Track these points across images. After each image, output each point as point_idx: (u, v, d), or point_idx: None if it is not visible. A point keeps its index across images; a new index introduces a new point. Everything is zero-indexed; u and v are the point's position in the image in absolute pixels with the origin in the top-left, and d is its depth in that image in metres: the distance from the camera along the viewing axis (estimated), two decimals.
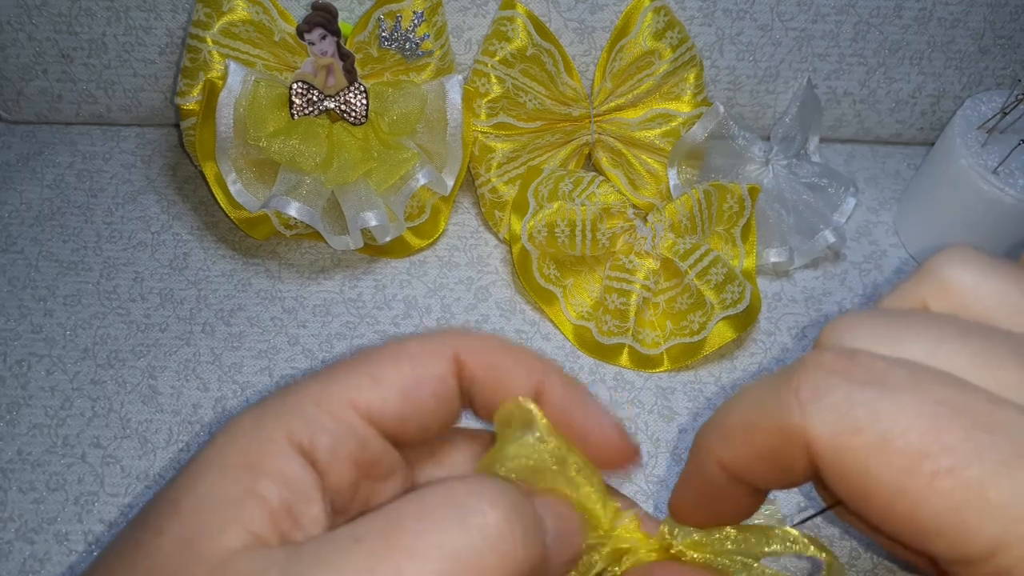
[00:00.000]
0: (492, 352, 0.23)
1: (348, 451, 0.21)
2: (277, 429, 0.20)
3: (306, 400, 0.21)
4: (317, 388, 0.22)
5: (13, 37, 0.59)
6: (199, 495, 0.19)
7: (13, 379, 0.51)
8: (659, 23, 0.57)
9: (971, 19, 0.59)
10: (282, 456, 0.20)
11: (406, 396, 0.22)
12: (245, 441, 0.20)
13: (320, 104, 0.54)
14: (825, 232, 0.57)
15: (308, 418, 0.21)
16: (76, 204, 0.59)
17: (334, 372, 0.22)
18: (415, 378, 0.22)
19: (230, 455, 0.20)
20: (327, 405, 0.21)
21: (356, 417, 0.21)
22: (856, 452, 0.17)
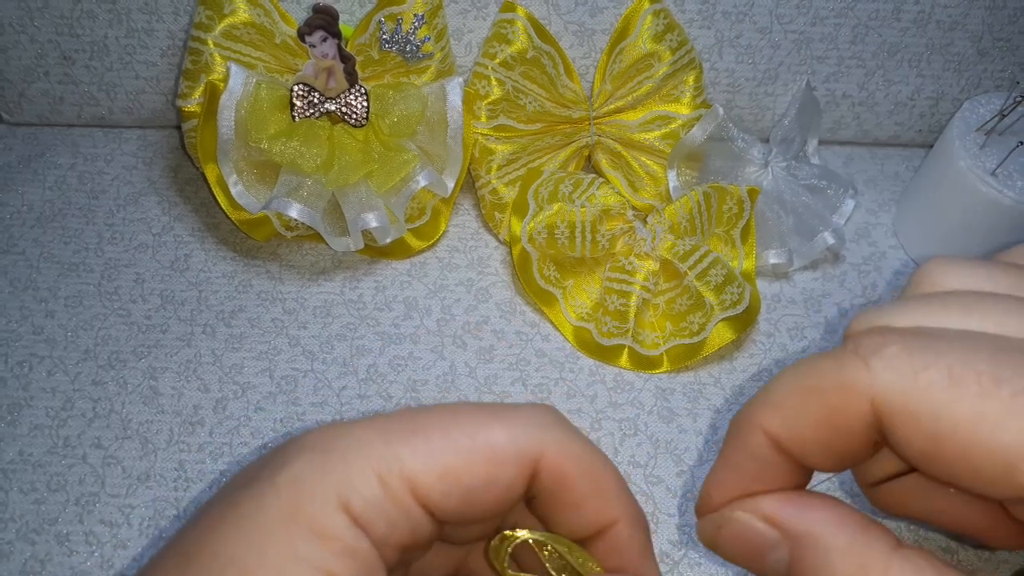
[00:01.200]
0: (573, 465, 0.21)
1: (399, 537, 0.20)
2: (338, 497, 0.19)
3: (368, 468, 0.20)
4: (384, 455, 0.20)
5: (15, 39, 0.59)
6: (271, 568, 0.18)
7: (14, 380, 0.51)
8: (659, 26, 0.57)
9: (969, 22, 0.60)
10: (347, 530, 0.19)
11: (469, 495, 0.20)
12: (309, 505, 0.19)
13: (321, 106, 0.54)
14: (824, 234, 0.57)
15: (370, 496, 0.19)
16: (77, 206, 0.59)
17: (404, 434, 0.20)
18: (485, 481, 0.20)
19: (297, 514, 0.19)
20: (389, 483, 0.20)
21: (414, 505, 0.20)
22: (928, 391, 0.17)
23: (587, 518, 0.21)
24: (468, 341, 0.54)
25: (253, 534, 0.19)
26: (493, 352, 0.54)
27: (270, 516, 0.19)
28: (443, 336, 0.54)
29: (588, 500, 0.21)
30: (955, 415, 0.17)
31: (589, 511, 0.21)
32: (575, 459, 0.21)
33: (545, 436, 0.21)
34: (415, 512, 0.20)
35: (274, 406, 0.51)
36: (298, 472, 0.19)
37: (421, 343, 0.54)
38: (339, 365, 0.53)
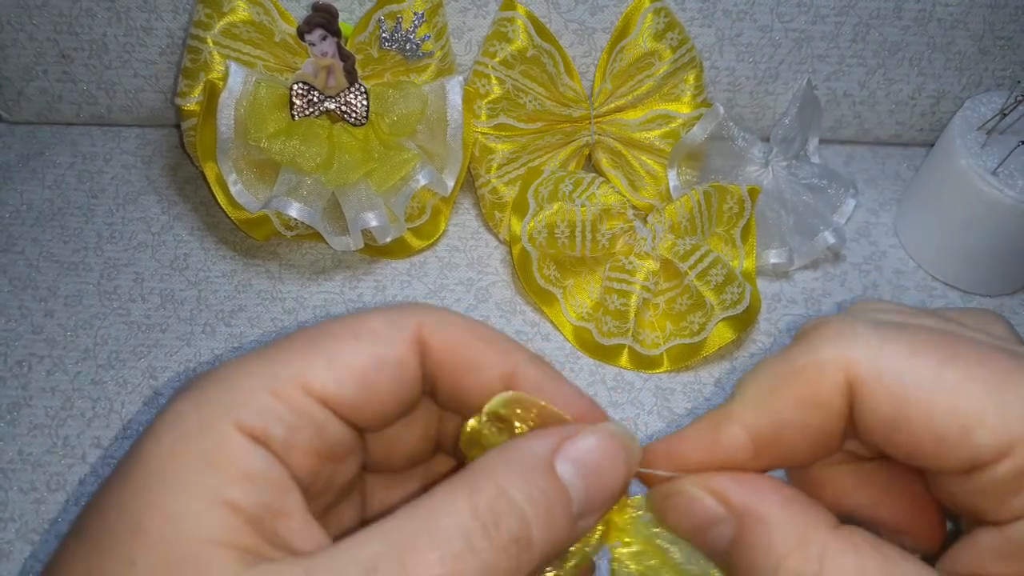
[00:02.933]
0: (460, 335, 0.21)
1: (306, 440, 0.19)
2: (226, 419, 0.18)
3: (255, 384, 0.19)
4: (267, 370, 0.19)
5: (14, 37, 0.59)
6: (165, 514, 0.17)
7: (14, 379, 0.51)
8: (659, 24, 0.57)
9: (971, 20, 0.60)
10: (240, 451, 0.18)
11: (363, 381, 0.20)
12: (195, 437, 0.18)
13: (321, 105, 0.54)
14: (825, 233, 0.57)
15: (258, 404, 0.19)
16: (77, 205, 0.59)
17: (285, 351, 0.20)
18: (374, 361, 0.20)
19: (183, 457, 0.18)
20: (279, 390, 0.19)
21: (311, 402, 0.19)
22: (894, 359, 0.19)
23: (490, 373, 0.21)
24: None
25: (138, 482, 0.18)
26: None
27: (153, 460, 0.18)
28: None
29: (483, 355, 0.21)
30: (918, 380, 0.19)
31: (488, 365, 0.21)
32: (456, 324, 0.22)
33: (422, 313, 0.21)
34: (314, 410, 0.19)
35: None
36: (177, 411, 0.19)
37: None
38: None
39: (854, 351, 0.20)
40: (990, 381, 0.19)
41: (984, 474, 0.19)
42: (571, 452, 0.20)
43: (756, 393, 0.21)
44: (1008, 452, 0.18)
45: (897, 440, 0.20)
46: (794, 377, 0.20)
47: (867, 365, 0.19)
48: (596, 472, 0.20)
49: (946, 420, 0.19)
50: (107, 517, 0.18)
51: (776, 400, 0.21)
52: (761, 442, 0.21)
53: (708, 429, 0.22)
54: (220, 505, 0.17)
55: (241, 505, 0.17)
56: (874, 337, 0.20)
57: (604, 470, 0.20)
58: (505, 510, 0.18)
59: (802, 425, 0.21)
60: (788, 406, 0.20)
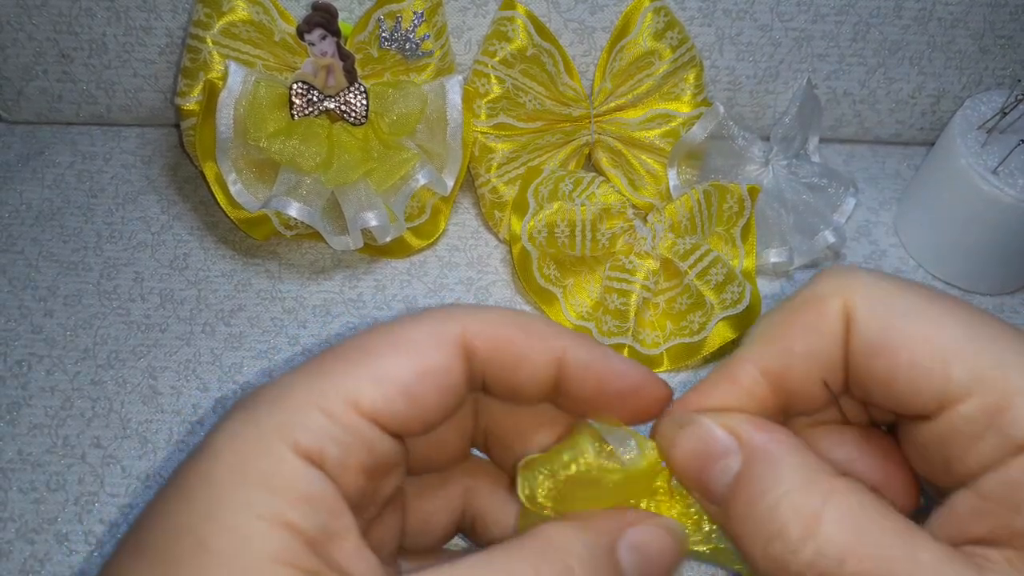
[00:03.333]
0: (503, 330, 0.22)
1: (358, 459, 0.20)
2: (283, 439, 0.19)
3: (307, 404, 0.20)
4: (316, 389, 0.20)
5: (13, 37, 0.59)
6: (229, 532, 0.17)
7: (13, 379, 0.51)
8: (659, 23, 0.57)
9: (971, 19, 0.59)
10: (299, 473, 0.18)
11: (410, 395, 0.20)
12: (254, 456, 0.19)
13: (320, 104, 0.54)
14: (825, 232, 0.57)
15: (314, 427, 0.19)
16: (76, 204, 0.59)
17: (331, 368, 0.20)
18: (419, 373, 0.21)
19: (244, 476, 0.18)
20: (330, 409, 0.19)
21: (360, 419, 0.20)
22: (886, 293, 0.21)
23: (540, 362, 0.22)
24: None
25: (201, 500, 0.18)
26: None
27: (215, 479, 0.18)
28: None
29: (530, 346, 0.22)
30: (904, 310, 0.21)
31: (537, 355, 0.22)
32: (497, 321, 0.22)
33: (460, 316, 0.22)
34: (365, 428, 0.20)
35: None
36: (234, 430, 0.19)
37: None
38: None
39: (851, 283, 0.21)
40: (969, 324, 0.20)
41: (951, 414, 0.19)
42: (633, 539, 0.21)
43: (764, 330, 0.23)
44: (976, 390, 0.19)
45: (878, 366, 0.21)
46: (798, 310, 0.22)
47: (862, 294, 0.21)
48: (652, 563, 0.21)
49: (924, 348, 0.20)
50: (169, 533, 0.18)
51: (783, 333, 0.22)
52: (773, 376, 0.22)
53: (724, 373, 0.23)
54: (281, 526, 0.18)
55: (301, 527, 0.18)
56: (870, 275, 0.21)
57: (659, 561, 0.21)
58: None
59: (808, 353, 0.22)
60: (794, 336, 0.22)
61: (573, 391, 0.23)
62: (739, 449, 0.21)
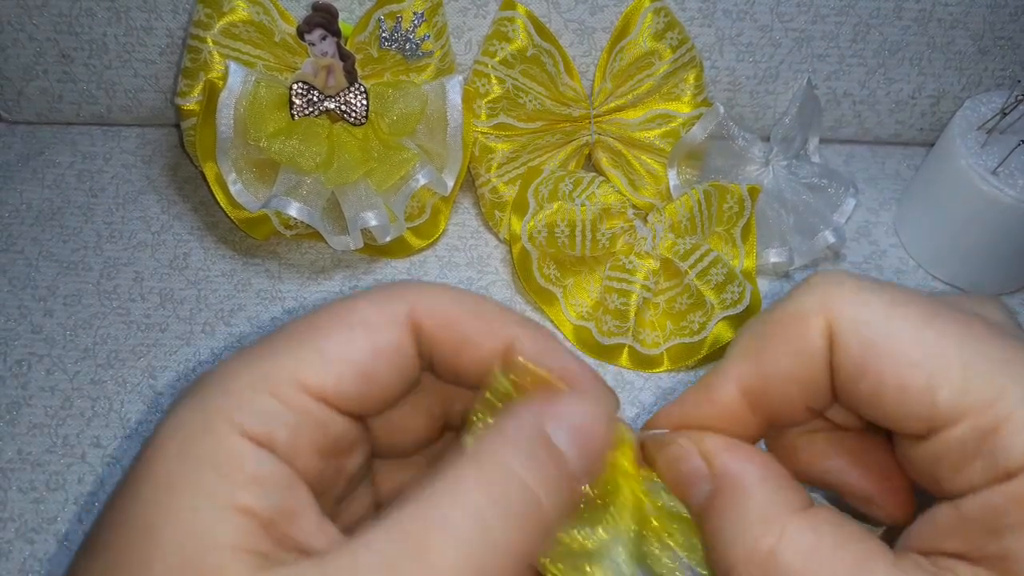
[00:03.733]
0: (453, 312, 0.21)
1: (310, 439, 0.19)
2: (230, 424, 0.18)
3: (252, 386, 0.19)
4: (261, 371, 0.19)
5: (14, 37, 0.59)
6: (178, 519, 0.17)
7: (13, 379, 0.51)
8: (659, 24, 0.57)
9: (971, 20, 0.60)
10: (248, 456, 0.18)
11: (361, 372, 0.20)
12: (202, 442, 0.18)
13: (320, 104, 0.54)
14: (825, 232, 0.57)
15: (261, 410, 0.19)
16: (76, 204, 0.59)
17: (278, 347, 0.20)
18: (369, 350, 0.20)
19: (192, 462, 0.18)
20: (277, 391, 0.19)
21: (310, 401, 0.19)
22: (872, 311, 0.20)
23: (487, 347, 0.21)
24: None
25: (149, 491, 0.18)
26: None
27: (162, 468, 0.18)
28: None
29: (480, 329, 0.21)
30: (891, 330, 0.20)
31: (485, 339, 0.21)
32: (448, 300, 0.21)
33: (410, 292, 0.21)
34: (315, 408, 0.19)
35: None
36: (179, 418, 0.19)
37: None
38: None
39: (835, 299, 0.20)
40: (960, 340, 0.19)
41: (942, 437, 0.19)
42: (561, 421, 0.20)
43: (744, 347, 0.22)
44: (966, 414, 0.18)
45: (864, 389, 0.20)
46: (778, 326, 0.21)
47: (846, 311, 0.20)
48: (585, 435, 0.20)
49: (911, 372, 0.19)
50: (120, 529, 0.18)
51: (763, 351, 0.21)
52: (752, 394, 0.22)
53: (703, 389, 0.23)
54: (233, 510, 0.17)
55: (253, 509, 0.17)
56: (855, 287, 0.20)
57: (592, 431, 0.21)
58: (514, 486, 0.18)
59: (789, 373, 0.21)
60: (774, 355, 0.21)
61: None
62: (709, 476, 0.21)
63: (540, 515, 0.18)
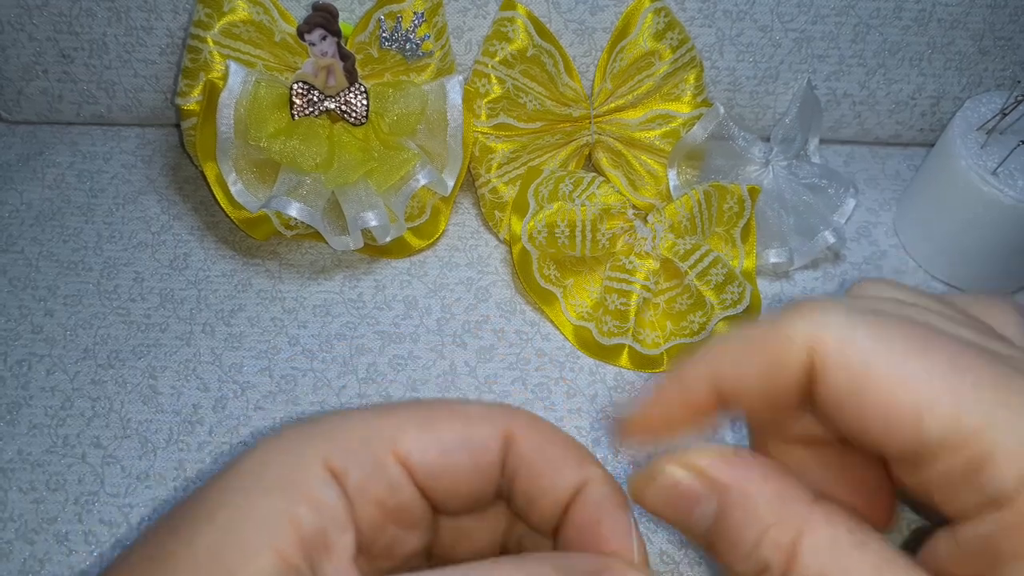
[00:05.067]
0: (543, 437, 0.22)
1: (378, 491, 0.20)
2: (315, 453, 0.20)
3: (350, 432, 0.21)
4: (364, 422, 0.21)
5: (14, 37, 0.59)
6: (234, 509, 0.19)
7: (13, 379, 0.51)
8: (659, 24, 0.57)
9: (971, 20, 0.60)
10: (318, 481, 0.19)
11: (446, 452, 0.21)
12: (284, 460, 0.20)
13: (320, 104, 0.54)
14: (825, 233, 0.57)
15: (347, 449, 0.20)
16: (76, 204, 0.59)
17: (385, 410, 0.22)
18: (461, 438, 0.22)
19: (268, 472, 0.19)
20: (369, 441, 0.21)
21: (392, 461, 0.21)
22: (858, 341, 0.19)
23: (563, 479, 0.22)
24: (468, 340, 0.54)
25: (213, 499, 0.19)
26: (493, 351, 0.54)
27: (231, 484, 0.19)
28: (443, 335, 0.54)
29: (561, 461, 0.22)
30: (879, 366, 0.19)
31: (564, 471, 0.22)
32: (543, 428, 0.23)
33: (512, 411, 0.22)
34: (393, 468, 0.21)
35: (274, 405, 0.51)
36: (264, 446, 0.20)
37: (421, 342, 0.54)
38: (339, 364, 0.53)
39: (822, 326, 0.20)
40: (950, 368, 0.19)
41: (931, 465, 0.19)
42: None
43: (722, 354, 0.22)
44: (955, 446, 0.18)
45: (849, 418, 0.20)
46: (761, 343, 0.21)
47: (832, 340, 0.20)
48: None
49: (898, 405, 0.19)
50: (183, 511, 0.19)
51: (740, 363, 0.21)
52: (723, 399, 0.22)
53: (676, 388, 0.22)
54: (283, 517, 0.19)
55: (301, 525, 0.19)
56: (844, 317, 0.20)
57: None
58: None
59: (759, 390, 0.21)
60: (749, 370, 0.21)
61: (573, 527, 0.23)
62: (711, 492, 0.21)
63: None
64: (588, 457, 0.23)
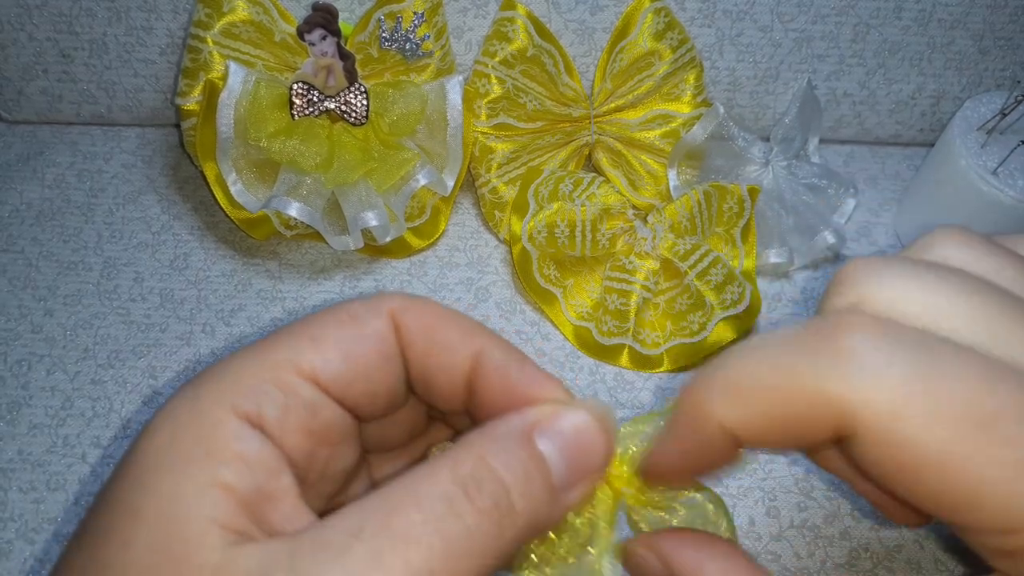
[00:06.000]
0: (430, 317, 0.22)
1: (299, 419, 0.20)
2: (221, 405, 0.19)
3: (245, 369, 0.20)
4: (256, 356, 0.20)
5: (14, 37, 0.59)
6: (160, 497, 0.17)
7: (13, 379, 0.51)
8: (659, 24, 0.57)
9: (971, 20, 0.60)
10: (235, 435, 0.18)
11: (348, 354, 0.21)
12: (191, 425, 0.19)
13: (320, 104, 0.54)
14: (825, 233, 0.57)
15: (251, 388, 0.19)
16: (76, 204, 0.59)
17: (272, 338, 0.21)
18: (356, 336, 0.21)
19: (180, 444, 0.18)
20: (269, 372, 0.20)
21: (301, 381, 0.20)
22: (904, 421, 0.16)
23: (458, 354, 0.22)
24: None
25: (135, 473, 0.18)
26: None
27: (150, 451, 0.18)
28: None
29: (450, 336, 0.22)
30: (928, 447, 0.16)
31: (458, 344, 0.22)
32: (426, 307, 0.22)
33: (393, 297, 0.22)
34: (306, 390, 0.20)
35: None
36: (172, 407, 0.19)
37: None
38: None
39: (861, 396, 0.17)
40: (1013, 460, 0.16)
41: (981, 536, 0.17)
42: (549, 428, 0.20)
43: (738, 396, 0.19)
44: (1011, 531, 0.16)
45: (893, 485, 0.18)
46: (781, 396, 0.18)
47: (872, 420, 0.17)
48: (575, 446, 0.20)
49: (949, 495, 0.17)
50: (104, 510, 0.18)
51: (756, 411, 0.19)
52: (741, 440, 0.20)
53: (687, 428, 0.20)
54: (214, 486, 0.18)
55: (235, 487, 0.18)
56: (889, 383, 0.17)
57: (583, 444, 0.20)
58: (486, 477, 0.18)
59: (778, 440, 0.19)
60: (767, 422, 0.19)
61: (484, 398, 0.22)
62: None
63: (512, 515, 0.18)
64: (475, 327, 0.22)
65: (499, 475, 0.18)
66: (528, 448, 0.19)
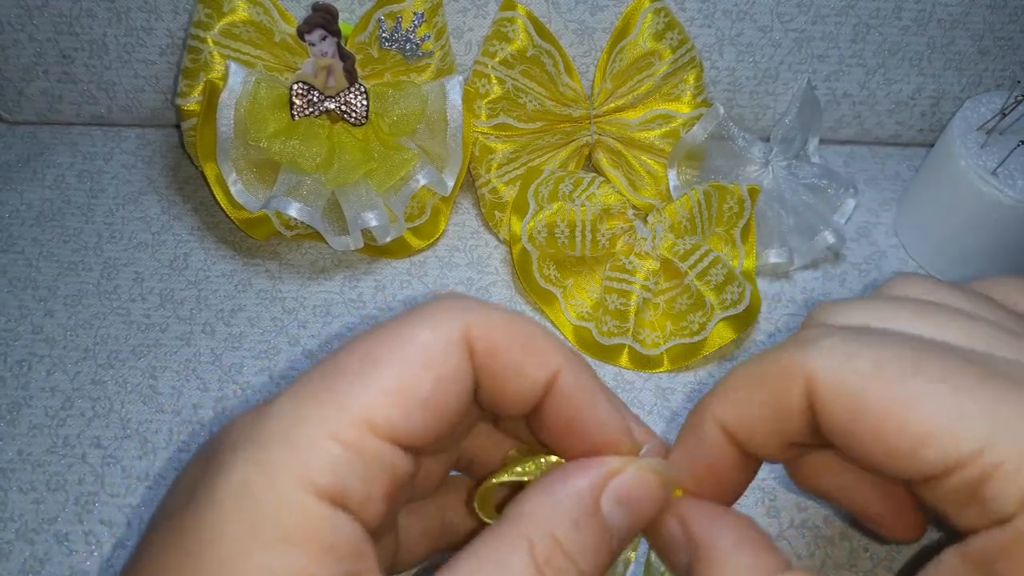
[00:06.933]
0: (505, 339, 0.21)
1: (381, 486, 0.18)
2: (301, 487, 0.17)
3: (320, 436, 0.18)
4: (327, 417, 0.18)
5: (14, 38, 0.59)
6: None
7: (13, 379, 0.51)
8: (659, 24, 0.57)
9: (970, 20, 0.60)
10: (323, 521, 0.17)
11: (428, 406, 0.19)
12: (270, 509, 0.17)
13: (320, 105, 0.54)
14: (825, 233, 0.57)
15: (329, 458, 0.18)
16: (76, 204, 0.59)
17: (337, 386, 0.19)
18: (433, 382, 0.19)
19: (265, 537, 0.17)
20: (345, 437, 0.18)
21: (381, 444, 0.18)
22: (853, 373, 0.19)
23: (531, 377, 0.21)
24: None
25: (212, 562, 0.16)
26: None
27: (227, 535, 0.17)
28: None
29: (524, 357, 0.21)
30: (874, 395, 0.19)
31: (529, 368, 0.21)
32: (499, 324, 0.21)
33: (467, 314, 0.20)
34: (385, 451, 0.18)
35: None
36: (243, 476, 0.17)
37: None
38: None
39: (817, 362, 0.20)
40: (947, 394, 0.19)
41: (937, 485, 0.19)
42: (615, 491, 0.21)
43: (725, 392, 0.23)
44: (955, 467, 0.18)
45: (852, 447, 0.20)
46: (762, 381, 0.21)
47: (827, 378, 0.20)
48: (638, 508, 0.21)
49: (896, 436, 0.19)
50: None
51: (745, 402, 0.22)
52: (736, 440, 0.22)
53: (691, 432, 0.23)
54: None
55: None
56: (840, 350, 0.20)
57: (644, 504, 0.21)
58: (562, 563, 0.19)
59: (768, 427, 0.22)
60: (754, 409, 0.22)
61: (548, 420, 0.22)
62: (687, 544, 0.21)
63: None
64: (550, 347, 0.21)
65: (573, 558, 0.19)
66: (597, 519, 0.20)
